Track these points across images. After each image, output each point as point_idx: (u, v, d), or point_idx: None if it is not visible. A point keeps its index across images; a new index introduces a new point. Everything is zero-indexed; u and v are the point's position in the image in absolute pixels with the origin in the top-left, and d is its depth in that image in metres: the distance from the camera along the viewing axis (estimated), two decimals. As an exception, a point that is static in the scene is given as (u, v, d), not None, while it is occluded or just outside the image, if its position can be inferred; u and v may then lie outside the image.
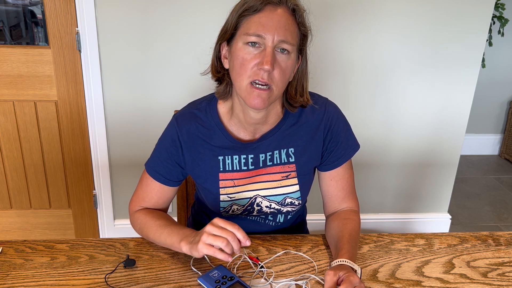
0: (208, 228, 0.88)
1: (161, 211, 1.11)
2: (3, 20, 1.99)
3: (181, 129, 1.05)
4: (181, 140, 1.05)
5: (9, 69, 1.98)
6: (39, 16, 1.97)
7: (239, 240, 0.86)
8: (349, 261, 0.93)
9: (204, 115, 1.06)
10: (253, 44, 0.92)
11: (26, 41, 2.05)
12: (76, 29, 1.94)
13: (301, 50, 0.99)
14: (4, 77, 1.99)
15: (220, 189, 1.07)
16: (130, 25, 1.93)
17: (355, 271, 0.91)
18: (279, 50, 0.92)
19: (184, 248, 0.92)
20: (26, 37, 2.06)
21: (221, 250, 0.86)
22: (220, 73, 1.03)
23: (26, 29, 2.03)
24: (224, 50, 1.00)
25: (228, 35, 0.96)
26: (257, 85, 0.93)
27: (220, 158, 1.06)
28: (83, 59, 1.98)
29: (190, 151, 1.06)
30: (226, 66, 1.00)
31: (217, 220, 0.89)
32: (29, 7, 2.00)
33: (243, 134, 1.06)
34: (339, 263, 0.93)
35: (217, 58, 1.02)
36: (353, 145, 1.12)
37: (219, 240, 0.85)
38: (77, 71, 2.01)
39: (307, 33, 0.98)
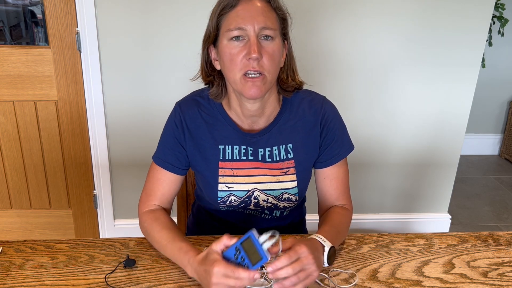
0: (218, 279, 0.79)
1: (166, 218, 1.07)
2: (3, 20, 1.99)
3: (185, 114, 1.08)
4: (184, 124, 1.07)
5: (9, 69, 1.98)
6: (39, 16, 1.97)
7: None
8: (321, 236, 0.93)
9: (207, 103, 1.09)
10: (237, 38, 0.95)
11: (26, 41, 2.05)
12: (76, 29, 1.94)
13: (285, 34, 1.02)
14: (4, 77, 1.99)
15: (219, 177, 1.08)
16: (130, 25, 1.93)
17: (323, 247, 0.92)
18: (262, 37, 0.95)
19: (192, 275, 0.89)
20: (26, 37, 2.06)
21: None
22: (210, 76, 1.06)
23: (26, 29, 2.03)
24: (213, 53, 1.03)
25: (212, 38, 1.00)
26: (250, 75, 0.95)
27: (221, 147, 1.08)
28: (83, 59, 1.98)
29: (192, 137, 1.08)
30: (218, 67, 1.03)
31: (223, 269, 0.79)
32: (29, 7, 2.00)
33: (241, 126, 1.08)
34: (310, 237, 0.93)
35: (206, 62, 1.05)
36: (348, 145, 1.13)
37: None
38: (77, 71, 2.01)
39: (286, 16, 1.02)
